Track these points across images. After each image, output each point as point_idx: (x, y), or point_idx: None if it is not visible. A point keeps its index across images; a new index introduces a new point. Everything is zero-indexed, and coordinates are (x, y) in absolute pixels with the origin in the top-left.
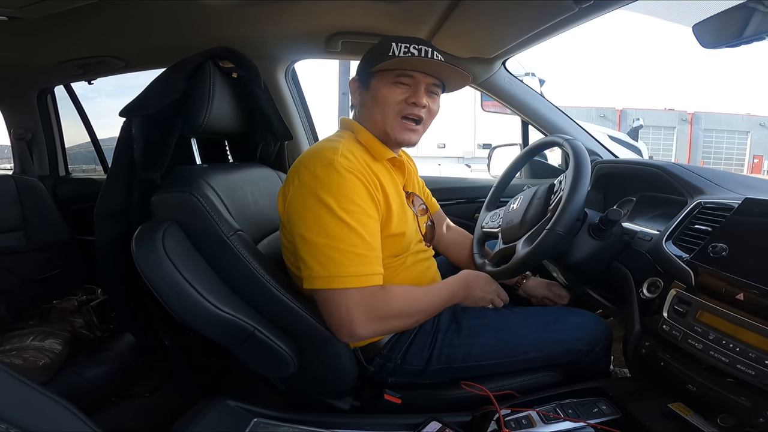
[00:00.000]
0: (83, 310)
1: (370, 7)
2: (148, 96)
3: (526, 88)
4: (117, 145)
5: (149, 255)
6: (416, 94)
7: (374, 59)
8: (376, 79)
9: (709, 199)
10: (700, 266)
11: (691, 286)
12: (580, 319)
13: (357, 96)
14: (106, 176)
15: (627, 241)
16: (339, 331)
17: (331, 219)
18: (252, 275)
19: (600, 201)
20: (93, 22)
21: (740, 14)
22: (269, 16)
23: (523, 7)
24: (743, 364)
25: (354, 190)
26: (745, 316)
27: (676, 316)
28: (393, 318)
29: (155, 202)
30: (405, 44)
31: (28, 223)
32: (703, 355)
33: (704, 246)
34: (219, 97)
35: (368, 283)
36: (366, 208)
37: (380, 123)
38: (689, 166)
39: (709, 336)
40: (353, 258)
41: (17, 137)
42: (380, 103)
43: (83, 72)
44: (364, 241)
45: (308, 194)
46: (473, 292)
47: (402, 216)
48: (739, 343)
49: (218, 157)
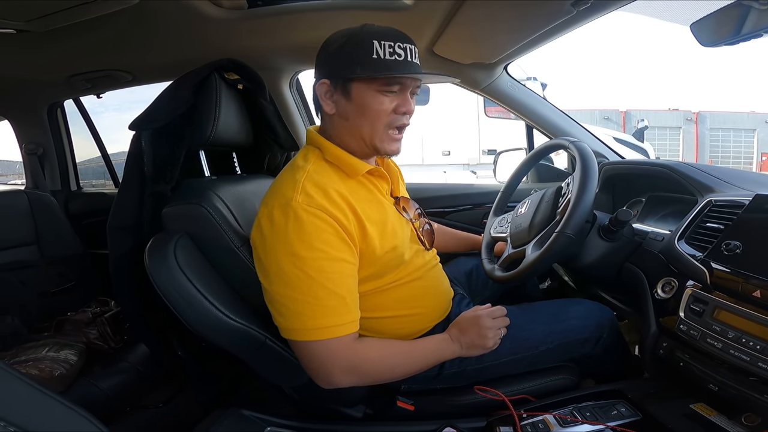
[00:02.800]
0: (97, 321)
1: (371, 16)
2: (156, 109)
3: (529, 92)
4: (127, 158)
5: (162, 266)
6: (405, 101)
7: (356, 62)
8: (360, 86)
9: (719, 197)
10: (715, 264)
11: (707, 284)
12: (583, 308)
13: (330, 103)
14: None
15: (638, 242)
16: (317, 380)
17: (289, 270)
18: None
19: (609, 203)
20: (100, 35)
21: (736, 12)
22: (271, 27)
23: (522, 12)
24: (765, 362)
25: (314, 233)
26: (764, 314)
27: (693, 316)
28: (370, 372)
29: (166, 214)
30: (389, 43)
31: (42, 237)
32: (724, 354)
33: (717, 244)
34: (225, 109)
35: (337, 334)
36: (330, 251)
37: (368, 137)
38: (697, 165)
39: (728, 335)
40: (317, 310)
41: (29, 152)
42: (369, 116)
43: (92, 86)
44: (327, 290)
45: (267, 242)
46: (469, 338)
47: (388, 231)
48: (759, 341)
49: (226, 169)
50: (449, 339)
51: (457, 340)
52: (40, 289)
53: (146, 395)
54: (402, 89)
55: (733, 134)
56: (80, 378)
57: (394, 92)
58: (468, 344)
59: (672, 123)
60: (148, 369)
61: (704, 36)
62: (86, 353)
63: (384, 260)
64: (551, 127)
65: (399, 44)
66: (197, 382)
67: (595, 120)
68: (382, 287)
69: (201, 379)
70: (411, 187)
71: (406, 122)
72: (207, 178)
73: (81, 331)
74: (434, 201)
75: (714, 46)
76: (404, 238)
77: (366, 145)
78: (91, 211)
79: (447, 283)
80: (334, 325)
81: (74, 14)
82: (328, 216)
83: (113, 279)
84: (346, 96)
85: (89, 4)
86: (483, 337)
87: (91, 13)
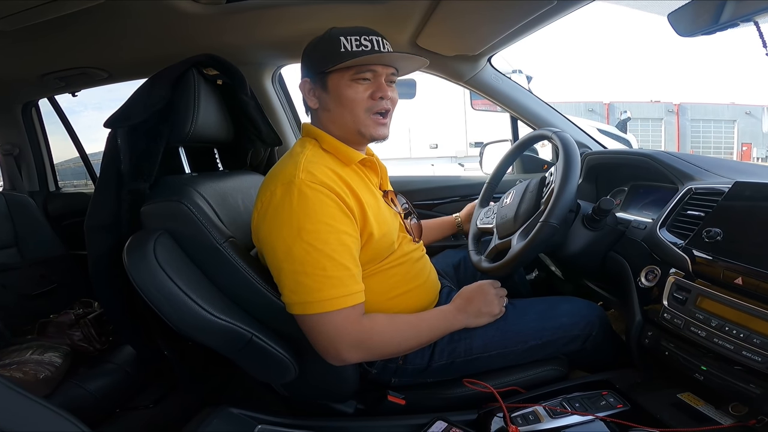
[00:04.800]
0: (81, 323)
1: (351, 10)
2: (132, 106)
3: (513, 84)
4: (103, 157)
5: (141, 265)
6: (380, 87)
7: (327, 58)
8: (334, 78)
9: (699, 185)
10: (696, 252)
11: (689, 272)
12: (573, 306)
13: (313, 99)
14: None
15: (622, 231)
16: (326, 355)
17: (296, 243)
18: (247, 281)
19: (592, 192)
20: (72, 32)
21: (713, 1)
22: (251, 23)
23: (503, 4)
24: (748, 350)
25: (319, 207)
26: (747, 301)
27: (677, 304)
28: (378, 346)
29: (145, 212)
30: (355, 37)
31: (21, 239)
32: (707, 343)
33: (698, 231)
34: (205, 105)
35: (345, 304)
36: (334, 224)
37: (351, 124)
38: (677, 154)
39: (712, 323)
40: (324, 281)
41: (4, 153)
42: (347, 104)
43: (66, 84)
44: (333, 261)
45: (271, 219)
46: (476, 306)
47: (381, 217)
48: (742, 329)
49: (208, 166)
50: (455, 310)
51: (464, 310)
52: (21, 291)
53: (135, 396)
54: (375, 76)
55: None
56: (66, 380)
57: (368, 79)
58: (476, 312)
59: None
60: (136, 370)
61: (682, 26)
62: (71, 355)
63: (380, 246)
64: (535, 118)
65: (365, 37)
66: (186, 381)
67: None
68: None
69: (190, 379)
70: (397, 180)
71: (386, 107)
72: (187, 175)
73: (65, 333)
74: (421, 193)
75: (691, 36)
76: (394, 227)
77: (352, 133)
78: (71, 211)
79: (435, 275)
80: (341, 296)
81: (43, 12)
82: (330, 191)
83: (93, 280)
84: (324, 89)
85: (58, 2)
86: (490, 304)
87: (61, 11)
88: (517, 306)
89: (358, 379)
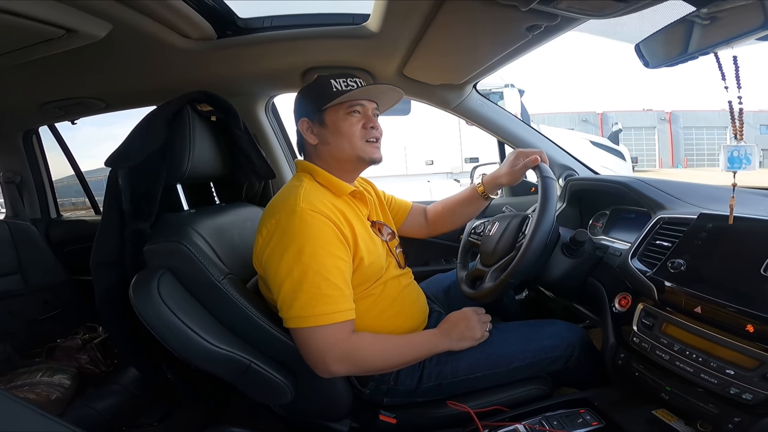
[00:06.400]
0: (88, 347)
1: (339, 44)
2: (130, 146)
3: (498, 109)
4: (105, 195)
5: (146, 302)
6: (370, 118)
7: (322, 97)
8: (330, 114)
9: (669, 215)
10: (662, 282)
11: (656, 300)
12: (554, 329)
13: (312, 136)
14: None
15: (599, 257)
16: (315, 367)
17: (296, 264)
18: (244, 314)
19: (576, 216)
20: (71, 65)
21: (681, 30)
22: (243, 57)
23: (480, 38)
24: (706, 373)
25: (318, 233)
26: (706, 328)
27: (645, 329)
28: (364, 362)
29: (147, 251)
30: (342, 79)
31: (24, 266)
32: (671, 366)
33: (664, 262)
34: (200, 143)
35: (336, 320)
36: (331, 249)
37: (350, 151)
38: (651, 181)
39: (674, 347)
40: (318, 299)
41: (6, 180)
42: (345, 135)
43: (65, 113)
44: (328, 282)
45: (276, 242)
46: (459, 330)
47: (370, 245)
48: (701, 354)
49: (205, 200)
50: (439, 333)
51: (448, 334)
52: (27, 317)
53: (140, 415)
54: (364, 110)
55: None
56: (75, 400)
57: (359, 112)
58: (458, 336)
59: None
60: (140, 390)
61: (650, 56)
62: (78, 377)
63: (369, 271)
64: (520, 142)
65: (349, 79)
66: (189, 401)
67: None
68: (360, 296)
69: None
70: None
71: (377, 134)
72: (185, 212)
73: (72, 356)
74: None
75: (656, 68)
76: (381, 254)
77: (351, 160)
78: (72, 238)
79: (423, 300)
80: (332, 312)
81: (41, 50)
82: (327, 220)
83: (100, 311)
84: (323, 125)
85: (53, 41)
86: (472, 329)
87: (58, 49)
88: (501, 329)
89: (352, 399)
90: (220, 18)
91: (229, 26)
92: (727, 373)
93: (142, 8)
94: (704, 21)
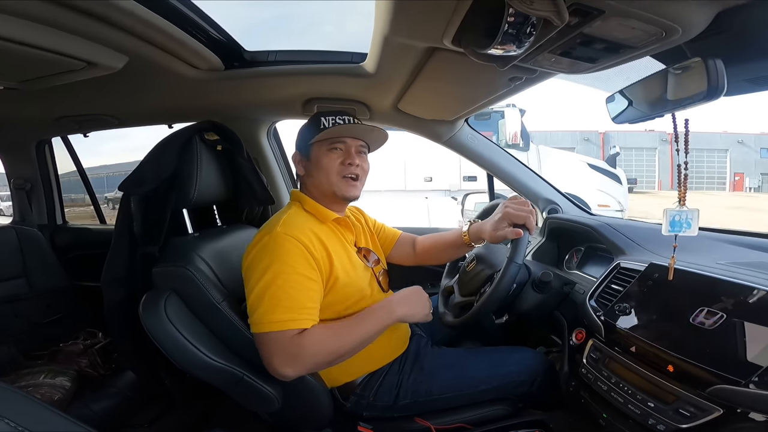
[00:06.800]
0: (89, 352)
1: (339, 81)
2: (143, 173)
3: (488, 143)
4: (117, 217)
5: (154, 319)
6: (349, 155)
7: (310, 133)
8: (315, 149)
9: (626, 261)
10: (609, 322)
11: (603, 338)
12: (521, 356)
13: (301, 167)
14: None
15: (566, 293)
16: (268, 369)
17: (263, 278)
18: (240, 333)
19: (554, 251)
20: (88, 86)
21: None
22: (248, 86)
23: (466, 87)
24: (632, 404)
25: (286, 253)
26: (637, 365)
27: (592, 362)
28: (313, 359)
29: (156, 273)
30: (332, 117)
31: (29, 271)
32: (607, 396)
33: (613, 305)
34: (206, 171)
35: (287, 327)
36: (297, 267)
37: (326, 186)
38: (618, 225)
39: (612, 380)
40: (275, 307)
41: (17, 187)
42: (323, 169)
43: (79, 126)
44: (287, 295)
45: (252, 259)
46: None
47: (348, 267)
48: (631, 387)
49: (208, 221)
50: (389, 307)
51: (399, 306)
52: (31, 320)
53: (133, 417)
54: (346, 147)
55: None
56: (74, 401)
57: (341, 149)
58: (410, 303)
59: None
60: (134, 393)
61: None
62: (78, 380)
63: (346, 291)
64: (508, 177)
65: (339, 117)
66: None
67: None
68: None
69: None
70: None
71: (355, 172)
72: (190, 235)
73: (73, 360)
74: None
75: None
76: (364, 278)
77: (328, 194)
78: (76, 244)
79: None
80: (282, 320)
81: (62, 78)
82: (299, 242)
83: (108, 322)
84: (308, 159)
85: (76, 72)
86: (424, 305)
87: (78, 78)
88: (474, 354)
89: (334, 410)
90: (228, 51)
91: (235, 58)
92: (648, 406)
93: (156, 42)
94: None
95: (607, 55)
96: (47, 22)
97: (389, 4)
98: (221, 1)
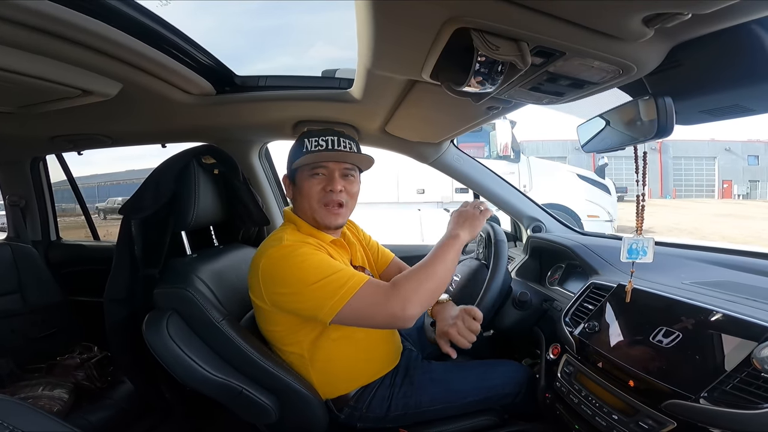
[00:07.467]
0: (85, 366)
1: (327, 106)
2: (143, 197)
3: (474, 163)
4: (118, 240)
5: (157, 338)
6: (331, 181)
7: (294, 156)
8: (299, 173)
9: (598, 281)
10: (580, 339)
11: (574, 354)
12: (506, 369)
13: (290, 191)
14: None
15: (545, 309)
16: (393, 322)
17: (300, 274)
18: (239, 349)
19: (536, 268)
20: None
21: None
22: (240, 109)
23: (447, 115)
24: (599, 416)
25: (311, 253)
26: (604, 379)
27: (566, 376)
28: (409, 288)
29: (157, 294)
30: (315, 138)
31: (24, 286)
32: (578, 408)
33: (584, 323)
34: (204, 194)
35: (361, 281)
36: (318, 253)
37: (308, 212)
38: (593, 246)
39: (582, 393)
40: (335, 281)
41: (11, 204)
42: (305, 195)
43: (73, 145)
44: (332, 268)
45: (276, 275)
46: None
47: None
48: (598, 400)
49: (205, 241)
50: (454, 232)
51: (461, 228)
52: (26, 335)
53: (130, 427)
54: (329, 171)
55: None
56: (71, 413)
57: (323, 174)
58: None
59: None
60: (130, 405)
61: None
62: (75, 392)
63: None
64: (493, 196)
65: (322, 137)
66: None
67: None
68: (337, 336)
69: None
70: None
71: (338, 199)
72: (188, 257)
73: (70, 373)
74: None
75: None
76: None
77: (311, 220)
78: (70, 260)
79: (397, 337)
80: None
81: (58, 104)
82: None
83: (110, 339)
84: (293, 183)
85: (71, 99)
86: (480, 221)
87: (74, 104)
88: (461, 367)
89: (328, 423)
90: (219, 76)
91: (227, 83)
92: (612, 418)
93: (149, 70)
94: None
95: (572, 89)
96: (43, 52)
97: (370, 42)
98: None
